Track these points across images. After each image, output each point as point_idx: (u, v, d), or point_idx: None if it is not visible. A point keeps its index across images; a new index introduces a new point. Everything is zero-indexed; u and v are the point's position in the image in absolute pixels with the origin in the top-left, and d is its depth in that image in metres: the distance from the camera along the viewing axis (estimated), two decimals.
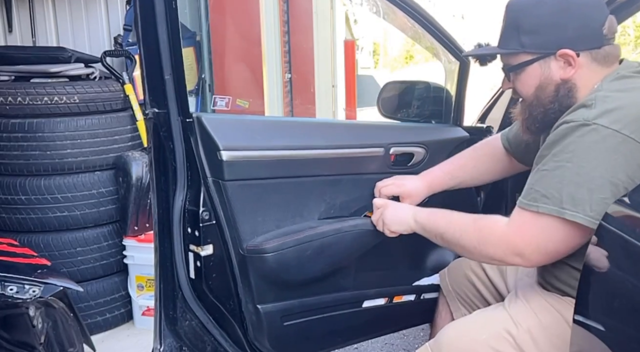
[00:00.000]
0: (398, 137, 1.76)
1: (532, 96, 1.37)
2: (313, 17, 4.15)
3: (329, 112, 4.43)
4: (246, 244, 1.52)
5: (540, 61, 1.33)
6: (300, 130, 1.67)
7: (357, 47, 7.18)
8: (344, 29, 4.84)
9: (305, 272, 1.60)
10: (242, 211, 1.51)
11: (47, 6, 3.12)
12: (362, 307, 1.77)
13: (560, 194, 1.19)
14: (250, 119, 1.69)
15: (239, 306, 1.58)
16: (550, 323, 1.33)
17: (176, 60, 1.42)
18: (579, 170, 1.18)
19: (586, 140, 1.18)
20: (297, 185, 1.60)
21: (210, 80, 3.23)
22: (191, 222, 1.51)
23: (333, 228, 1.59)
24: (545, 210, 1.21)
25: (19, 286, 1.53)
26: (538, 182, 1.25)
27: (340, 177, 1.66)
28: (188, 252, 1.55)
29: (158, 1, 1.36)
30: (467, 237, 1.35)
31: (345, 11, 4.71)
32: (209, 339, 1.64)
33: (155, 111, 1.44)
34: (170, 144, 1.48)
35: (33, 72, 2.50)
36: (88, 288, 2.46)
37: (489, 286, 1.68)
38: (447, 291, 1.77)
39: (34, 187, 2.37)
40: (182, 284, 1.58)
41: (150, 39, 1.39)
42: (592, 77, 1.31)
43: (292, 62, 3.88)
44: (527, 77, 1.37)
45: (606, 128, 1.17)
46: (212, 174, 1.49)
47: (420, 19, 1.74)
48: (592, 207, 1.16)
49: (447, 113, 1.93)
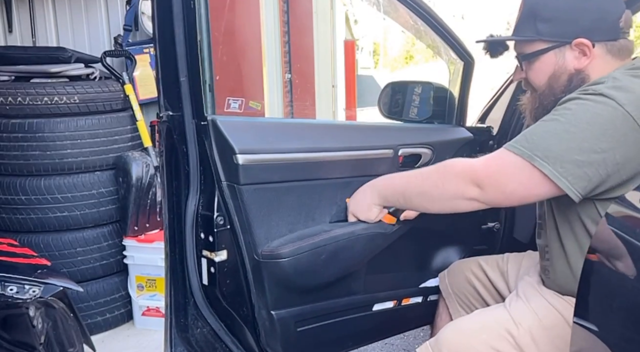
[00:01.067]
0: (406, 139, 1.75)
1: (544, 85, 1.37)
2: (313, 17, 4.15)
3: (329, 112, 4.43)
4: (261, 249, 1.49)
5: (555, 50, 1.33)
6: (313, 133, 1.64)
7: (357, 47, 7.18)
8: (344, 29, 4.84)
9: (319, 277, 1.58)
10: (257, 215, 1.48)
11: (47, 6, 3.12)
12: (373, 310, 1.76)
13: (540, 141, 1.20)
14: (264, 122, 1.66)
15: (252, 312, 1.54)
16: (550, 323, 1.33)
17: (192, 61, 1.39)
18: (568, 127, 1.19)
19: (588, 104, 1.19)
20: (310, 188, 1.58)
21: (210, 80, 3.23)
22: (204, 227, 1.48)
23: (347, 231, 1.56)
24: (519, 152, 1.22)
25: (19, 286, 1.53)
26: (529, 130, 1.26)
27: (351, 179, 1.63)
28: (201, 258, 1.51)
29: (176, 1, 1.34)
30: (429, 180, 1.36)
31: (345, 11, 4.71)
32: (220, 346, 1.61)
33: (169, 114, 1.41)
34: (184, 147, 1.45)
35: (33, 72, 2.50)
36: (88, 288, 2.46)
37: (490, 288, 1.68)
38: (447, 293, 1.77)
39: (34, 187, 2.37)
40: (194, 290, 1.54)
41: (167, 39, 1.36)
42: (605, 69, 1.30)
43: (292, 62, 3.88)
44: (541, 65, 1.36)
45: (611, 99, 1.17)
46: (226, 178, 1.45)
47: (427, 16, 1.72)
48: (563, 165, 1.17)
49: (450, 113, 1.92)
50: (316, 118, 4.14)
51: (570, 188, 1.18)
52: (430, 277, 1.88)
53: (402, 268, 1.81)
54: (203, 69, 1.48)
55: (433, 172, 1.37)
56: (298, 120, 1.73)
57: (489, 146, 2.07)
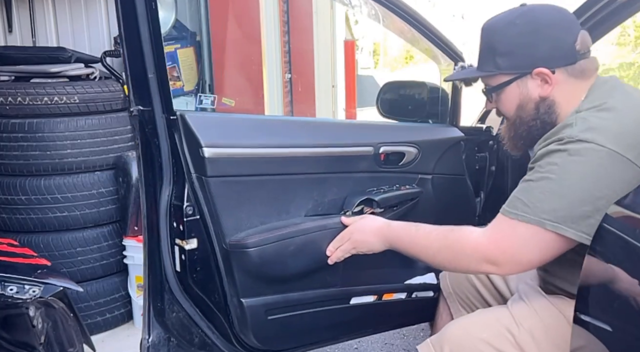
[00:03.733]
0: (388, 137, 1.78)
1: (514, 115, 1.40)
2: (313, 17, 4.15)
3: (329, 112, 4.44)
4: (229, 239, 1.55)
5: (517, 81, 1.35)
6: (286, 129, 1.70)
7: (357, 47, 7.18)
8: (344, 29, 4.84)
9: (288, 268, 1.62)
10: (225, 206, 1.54)
11: (47, 6, 3.11)
12: (350, 303, 1.78)
13: (542, 204, 1.20)
14: (235, 117, 1.72)
15: (224, 299, 1.61)
16: (552, 323, 1.34)
17: (159, 59, 1.45)
18: (561, 182, 1.20)
19: (570, 154, 1.20)
20: (283, 182, 1.62)
21: (210, 81, 3.23)
22: (176, 216, 1.55)
23: (317, 225, 1.61)
24: (525, 219, 1.22)
25: (19, 286, 1.53)
26: (521, 191, 1.26)
27: (328, 175, 1.68)
28: (174, 246, 1.59)
29: (139, 2, 1.40)
30: (440, 255, 1.36)
31: (345, 11, 4.71)
32: (196, 330, 1.67)
33: (140, 109, 1.48)
34: (156, 140, 1.52)
35: (33, 72, 2.50)
36: (88, 288, 2.46)
37: (491, 289, 1.68)
38: (448, 293, 1.77)
39: (34, 187, 2.37)
40: (168, 277, 1.61)
41: (133, 39, 1.43)
42: (571, 91, 1.33)
43: (292, 62, 3.88)
44: (506, 97, 1.39)
45: (591, 143, 1.18)
46: (195, 170, 1.53)
47: (412, 21, 1.76)
48: (574, 220, 1.18)
49: (443, 113, 1.94)
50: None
51: (587, 239, 1.16)
52: (417, 275, 1.89)
53: (385, 263, 1.82)
54: (203, 69, 1.52)
55: (444, 248, 1.35)
56: (271, 116, 1.78)
57: (489, 146, 2.07)
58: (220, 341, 1.68)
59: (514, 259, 1.25)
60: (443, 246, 1.35)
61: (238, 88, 3.34)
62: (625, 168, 1.17)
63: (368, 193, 1.70)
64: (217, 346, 1.69)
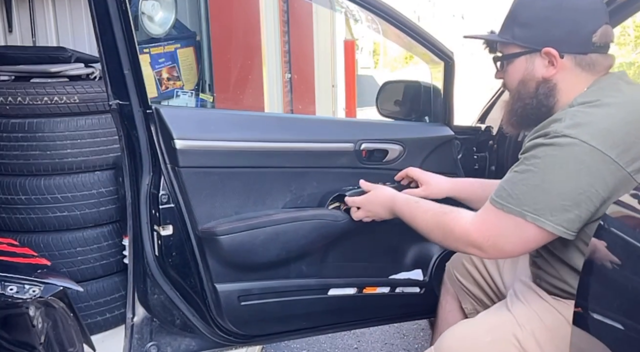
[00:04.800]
0: (371, 134, 1.82)
1: (515, 90, 1.42)
2: (313, 17, 4.15)
3: (329, 112, 4.44)
4: (201, 227, 1.64)
5: (526, 56, 1.37)
6: (263, 124, 1.77)
7: (357, 47, 7.18)
8: (344, 29, 4.84)
9: (259, 257, 1.69)
10: (198, 195, 1.64)
11: (47, 6, 3.11)
12: (328, 294, 1.82)
13: (524, 196, 1.24)
14: (212, 112, 1.84)
15: (200, 284, 1.69)
16: (553, 325, 1.34)
17: (133, 56, 1.54)
18: (543, 176, 1.22)
19: (555, 149, 1.22)
20: (258, 175, 1.69)
21: (210, 80, 3.23)
22: (154, 204, 1.65)
23: (289, 216, 1.68)
24: (508, 210, 1.26)
25: (19, 286, 1.53)
26: (507, 181, 1.30)
27: (307, 169, 1.74)
28: (153, 232, 1.68)
29: (111, 3, 1.48)
30: (435, 232, 1.44)
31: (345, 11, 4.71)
32: (177, 313, 1.75)
33: (118, 102, 1.59)
34: (135, 132, 1.62)
35: (33, 72, 2.50)
36: (88, 288, 2.46)
37: (488, 278, 1.72)
38: (453, 281, 1.79)
39: (34, 187, 2.37)
40: (149, 261, 1.70)
41: (108, 37, 1.52)
42: (574, 80, 1.33)
43: (292, 62, 3.88)
44: (513, 69, 1.41)
45: (574, 138, 1.20)
46: (170, 161, 1.62)
47: (396, 22, 1.78)
48: (553, 213, 1.21)
49: (436, 112, 1.96)
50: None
51: (565, 232, 1.22)
52: (403, 270, 1.91)
53: (368, 257, 1.87)
54: (203, 69, 1.58)
55: (437, 228, 1.44)
56: (247, 112, 1.83)
57: (489, 146, 2.08)
58: (200, 323, 1.76)
59: (497, 247, 1.30)
60: (437, 225, 1.43)
61: (238, 88, 3.34)
62: (606, 165, 1.19)
63: (342, 191, 1.76)
64: (198, 327, 1.77)
